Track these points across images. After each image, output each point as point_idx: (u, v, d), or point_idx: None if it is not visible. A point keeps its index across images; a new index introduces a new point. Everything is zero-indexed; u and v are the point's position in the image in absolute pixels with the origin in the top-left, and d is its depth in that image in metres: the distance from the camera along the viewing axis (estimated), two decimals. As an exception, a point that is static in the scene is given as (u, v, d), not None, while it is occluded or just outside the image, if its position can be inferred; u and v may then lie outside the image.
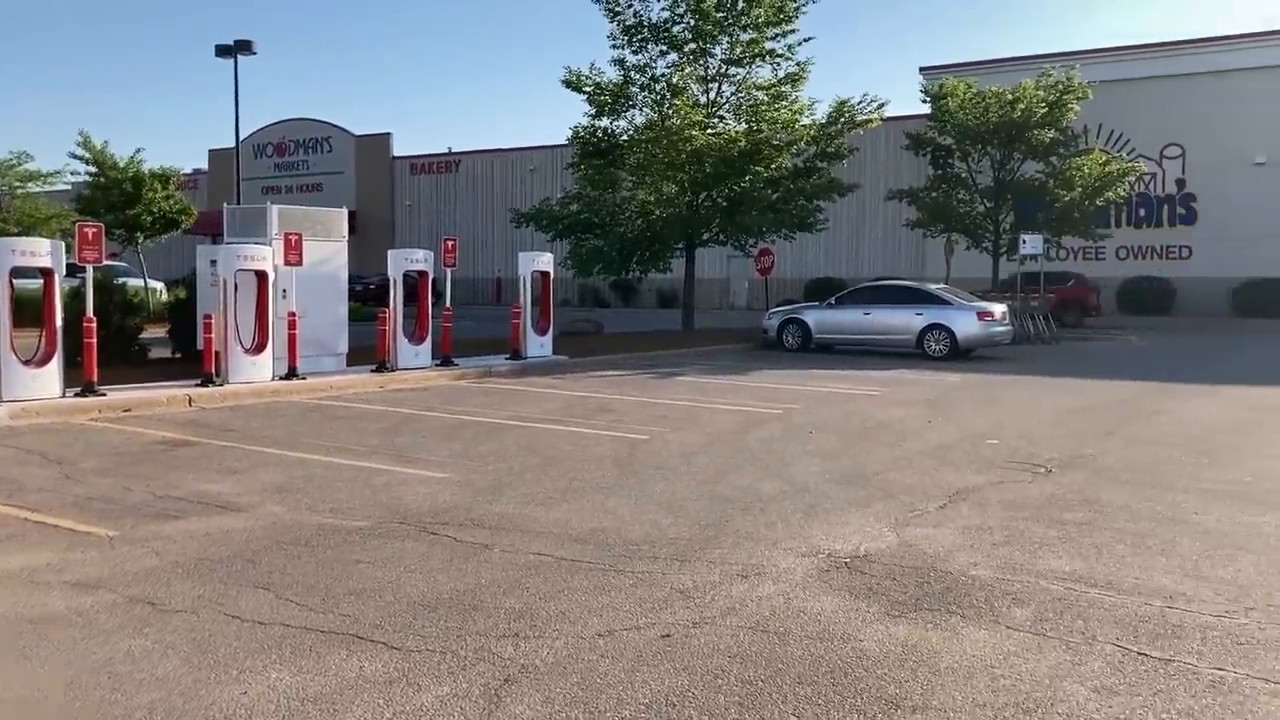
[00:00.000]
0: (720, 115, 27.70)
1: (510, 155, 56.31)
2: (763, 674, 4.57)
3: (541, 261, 19.87)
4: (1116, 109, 38.94)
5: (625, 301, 49.12)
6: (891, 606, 5.51)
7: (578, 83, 26.72)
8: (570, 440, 10.94)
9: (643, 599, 5.59)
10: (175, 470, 9.16)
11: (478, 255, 54.10)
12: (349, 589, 5.75)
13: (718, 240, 28.57)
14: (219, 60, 33.82)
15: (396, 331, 16.83)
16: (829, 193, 27.90)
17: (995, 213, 31.72)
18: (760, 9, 26.24)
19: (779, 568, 6.21)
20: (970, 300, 22.58)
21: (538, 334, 19.48)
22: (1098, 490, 8.49)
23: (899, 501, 8.05)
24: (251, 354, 14.70)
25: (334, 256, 16.77)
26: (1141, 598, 5.66)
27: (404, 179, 59.62)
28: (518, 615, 5.33)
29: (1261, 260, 38.11)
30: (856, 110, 27.28)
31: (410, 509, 7.68)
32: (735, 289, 48.83)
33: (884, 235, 45.27)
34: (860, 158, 33.76)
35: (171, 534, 6.90)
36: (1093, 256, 40.90)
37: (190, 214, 31.87)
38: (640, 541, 6.77)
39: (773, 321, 24.25)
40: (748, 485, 8.64)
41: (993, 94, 30.58)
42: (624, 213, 27.45)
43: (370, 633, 5.07)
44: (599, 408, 13.67)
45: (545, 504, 7.86)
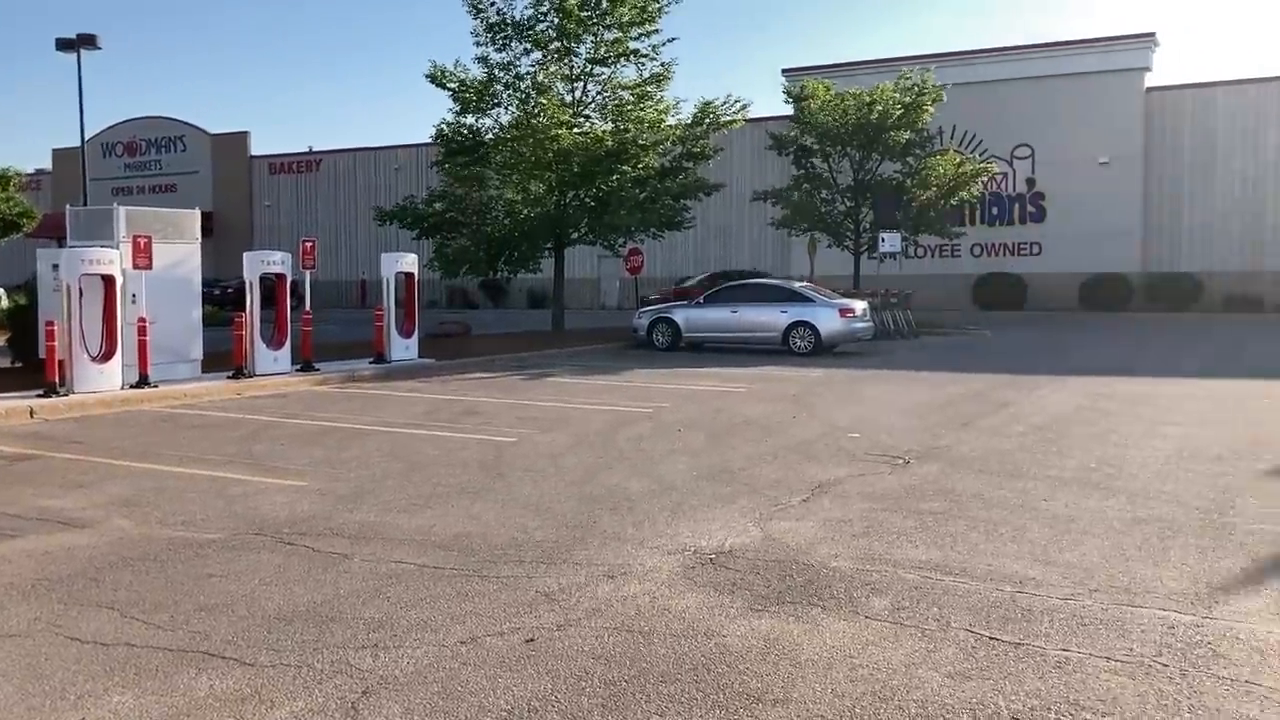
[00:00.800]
0: (586, 114, 27.72)
1: (374, 154, 55.28)
2: (627, 674, 4.56)
3: (405, 262, 19.54)
4: (970, 111, 40.36)
5: (495, 302, 48.74)
6: (755, 601, 5.56)
7: (441, 79, 26.40)
8: (435, 445, 10.77)
9: (507, 604, 5.52)
10: (13, 486, 8.69)
11: (342, 257, 53.01)
12: (200, 605, 5.53)
13: (586, 240, 28.58)
14: (62, 55, 32.21)
15: (254, 336, 16.31)
16: (695, 192, 28.22)
17: (856, 212, 32.54)
18: (624, 8, 26.35)
19: (645, 567, 6.21)
20: (833, 297, 23.09)
21: (402, 337, 19.14)
22: (953, 480, 8.76)
23: (764, 496, 8.15)
24: (99, 362, 14.06)
25: (187, 259, 16.17)
26: (993, 584, 5.85)
27: (263, 179, 57.94)
28: (377, 625, 5.20)
29: (1106, 256, 40.06)
30: (721, 111, 27.64)
31: (267, 519, 7.44)
32: (606, 288, 48.95)
33: (749, 234, 46.00)
34: (726, 158, 34.21)
35: (6, 554, 6.53)
36: (949, 254, 42.34)
37: (32, 217, 30.27)
38: (505, 546, 6.69)
39: (643, 321, 24.35)
40: (616, 485, 8.63)
41: (851, 96, 31.34)
42: (490, 212, 27.26)
43: (222, 649, 4.88)
44: (466, 411, 13.50)
45: (408, 511, 7.71)
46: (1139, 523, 7.24)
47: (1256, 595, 5.68)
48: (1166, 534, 6.92)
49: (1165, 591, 5.70)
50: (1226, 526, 7.12)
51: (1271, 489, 8.37)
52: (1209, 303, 38.46)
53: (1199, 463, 9.48)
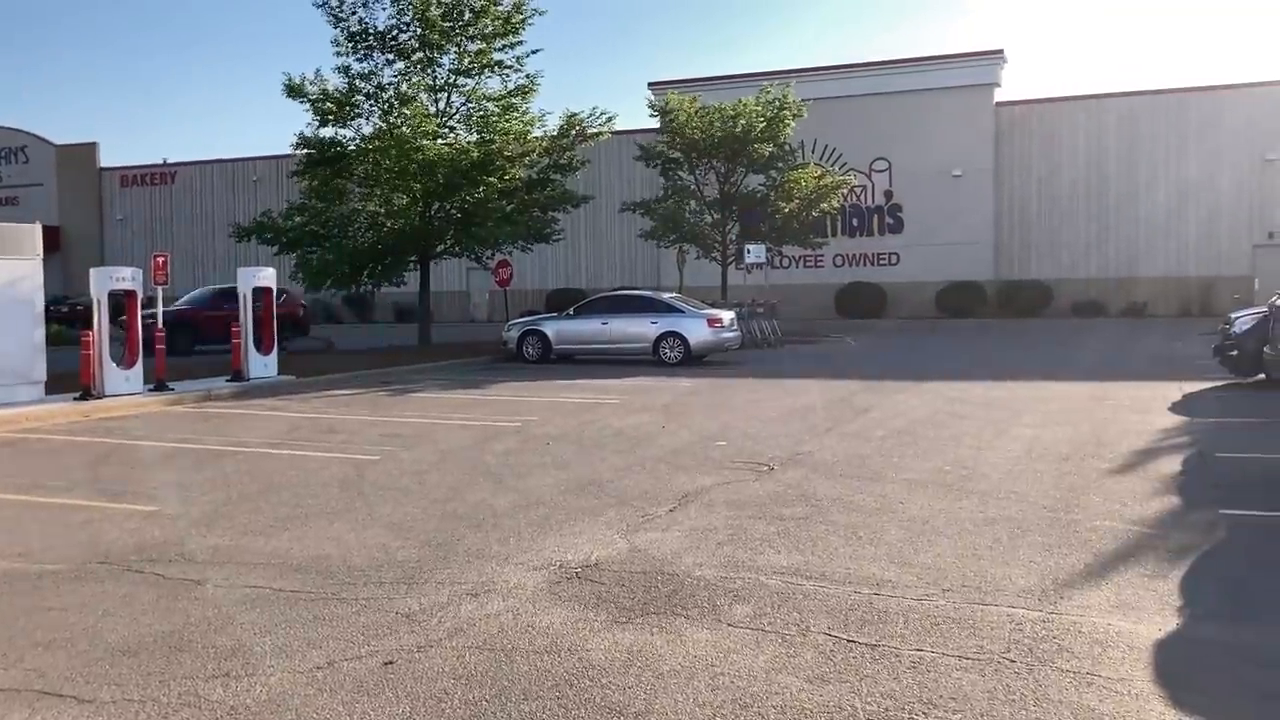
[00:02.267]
0: (451, 126, 27.44)
1: (231, 165, 53.64)
2: (487, 694, 4.49)
3: (263, 276, 19.00)
4: (831, 125, 41.34)
5: (360, 317, 47.76)
6: (619, 614, 5.56)
7: (300, 90, 25.78)
8: (294, 465, 10.48)
9: (365, 626, 5.39)
10: None
11: (199, 272, 51.20)
12: (36, 640, 5.25)
13: (453, 252, 28.28)
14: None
15: (102, 356, 15.61)
16: (563, 204, 28.20)
17: (722, 223, 32.99)
18: (487, 20, 26.22)
19: (509, 583, 6.15)
20: (701, 308, 23.36)
21: (261, 354, 18.58)
22: (815, 485, 8.93)
23: (631, 508, 8.16)
24: (-70, 385, 13.27)
25: (27, 276, 15.38)
26: (852, 586, 5.98)
27: (114, 192, 55.62)
28: (230, 654, 5.01)
29: (960, 265, 41.51)
30: (586, 123, 27.69)
31: (114, 547, 7.11)
32: (475, 301, 48.49)
33: (621, 246, 46.19)
34: (595, 170, 34.36)
35: None
36: (812, 264, 43.28)
37: None
38: (365, 567, 6.54)
39: (512, 333, 24.19)
40: (481, 501, 8.54)
41: (716, 110, 31.80)
42: (353, 224, 26.72)
43: (59, 686, 4.63)
44: (327, 429, 13.18)
45: (264, 534, 7.47)
46: (990, 523, 7.50)
47: (1098, 589, 5.93)
48: (1016, 533, 7.18)
49: (1014, 589, 5.91)
50: (1072, 524, 7.44)
51: (1113, 487, 8.78)
52: (1058, 308, 40.18)
53: (1047, 463, 9.89)
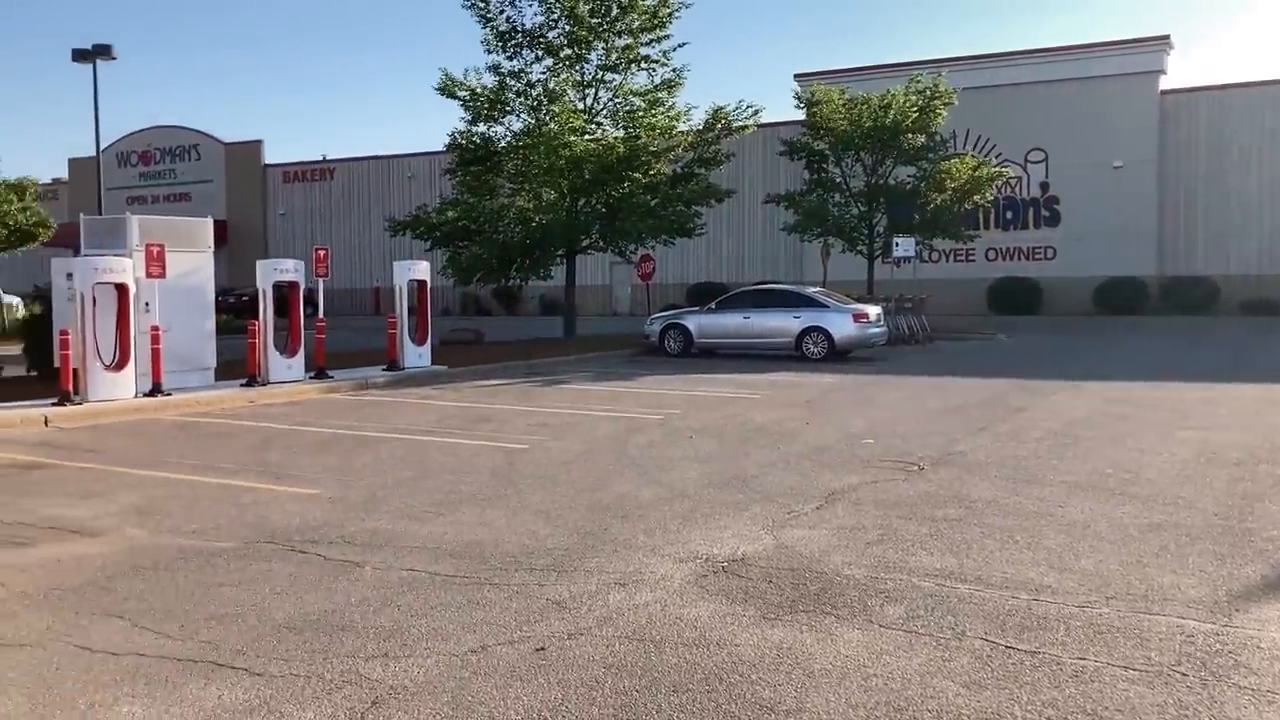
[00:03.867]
0: (598, 121, 27.74)
1: (387, 162, 55.43)
2: (638, 684, 4.52)
3: (418, 270, 19.56)
4: (983, 114, 40.24)
5: (508, 309, 48.75)
6: (767, 610, 5.52)
7: (452, 89, 26.45)
8: (447, 452, 10.75)
9: (517, 612, 5.49)
10: (27, 495, 8.70)
11: (356, 265, 53.13)
12: (210, 614, 5.51)
13: (598, 247, 28.59)
14: (78, 65, 32.44)
15: (267, 344, 16.33)
16: (707, 198, 28.18)
17: (869, 216, 32.43)
18: (634, 15, 26.38)
19: (656, 575, 6.17)
20: (846, 303, 23.02)
21: (415, 344, 19.15)
22: (968, 487, 8.69)
23: (777, 504, 8.10)
24: (112, 371, 14.10)
25: (200, 268, 16.21)
26: (1009, 591, 5.79)
27: (277, 187, 58.14)
28: (388, 634, 5.17)
29: (1120, 259, 39.85)
30: (732, 117, 27.62)
31: (279, 528, 7.42)
32: (618, 295, 48.94)
33: (763, 240, 45.92)
34: (738, 163, 34.20)
35: (19, 563, 6.53)
36: (964, 258, 42.21)
37: (48, 226, 30.56)
38: (517, 553, 6.66)
39: (654, 327, 24.34)
40: (627, 492, 8.60)
41: (864, 100, 31.27)
42: (503, 219, 27.27)
43: (231, 659, 4.86)
44: (478, 418, 13.49)
45: (420, 518, 7.69)
46: (1155, 528, 7.16)
47: (1278, 602, 5.60)
48: (1184, 540, 6.84)
49: (1184, 599, 5.63)
50: (1246, 533, 7.04)
51: (1291, 494, 8.28)
52: (1225, 306, 38.18)
53: (1217, 468, 9.39)
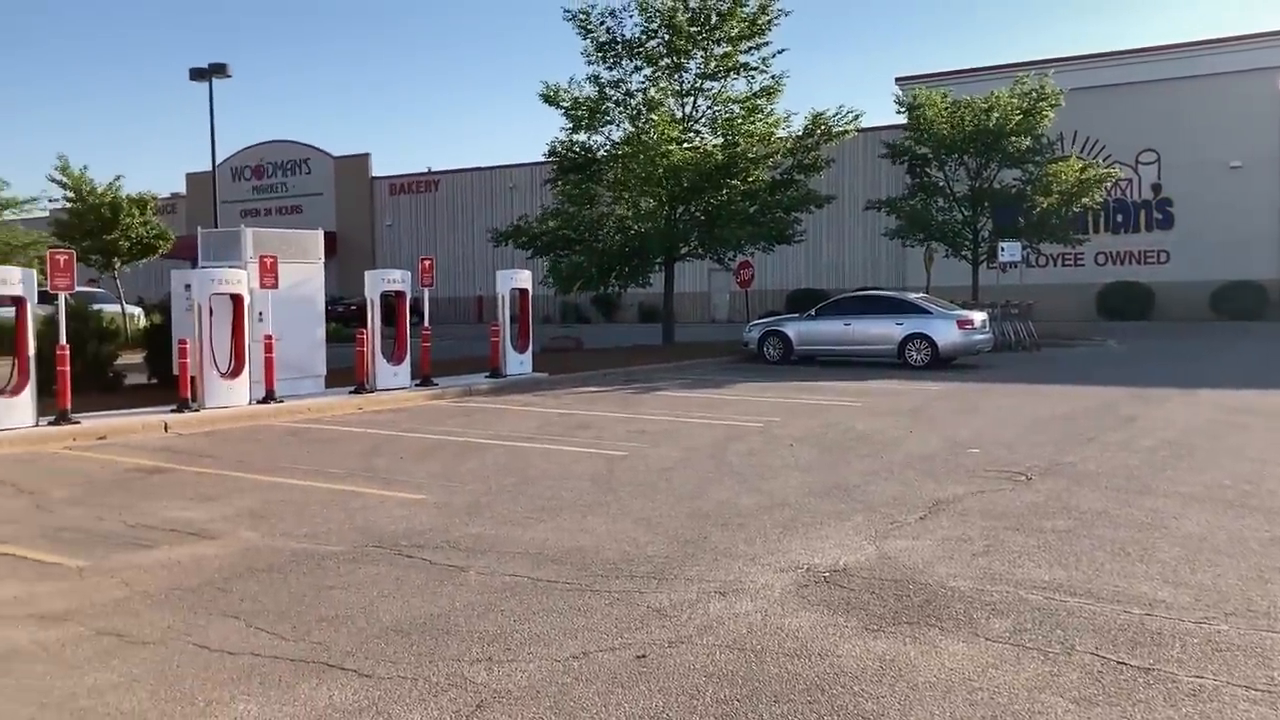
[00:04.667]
0: (696, 129, 27.79)
1: (490, 173, 56.32)
2: (739, 693, 4.51)
3: (520, 279, 19.83)
4: (1091, 115, 39.21)
5: (607, 317, 49.09)
6: (870, 621, 5.46)
7: (555, 97, 26.77)
8: (548, 458, 10.88)
9: (618, 619, 5.53)
10: (149, 498, 9.05)
11: (459, 274, 54.06)
12: (321, 616, 5.67)
13: (697, 254, 28.64)
14: (195, 83, 33.73)
15: (375, 352, 16.74)
16: (806, 205, 28.01)
17: (973, 220, 31.85)
18: (733, 22, 26.37)
19: (757, 584, 6.15)
20: (950, 309, 22.63)
21: (517, 352, 19.42)
22: (1077, 497, 8.47)
23: (879, 513, 8.00)
24: (228, 378, 14.59)
25: (310, 278, 16.69)
26: (1121, 606, 5.63)
27: (384, 199, 59.53)
28: (492, 639, 5.26)
29: (1238, 263, 38.41)
30: (832, 122, 27.43)
31: (386, 532, 7.60)
32: (716, 302, 48.89)
33: (864, 245, 45.43)
34: (838, 169, 33.92)
35: (142, 563, 6.81)
36: (1071, 263, 41.14)
37: (168, 239, 31.72)
38: (617, 560, 6.70)
39: (753, 334, 24.25)
40: (726, 500, 8.59)
41: (967, 103, 30.74)
42: (602, 228, 27.48)
43: (341, 660, 4.99)
44: (578, 425, 13.61)
45: (522, 524, 7.79)
46: (1278, 542, 6.89)
47: None
48: (1309, 556, 6.57)
49: (1309, 617, 5.41)
50: (1376, 548, 6.73)
51: None
52: (1352, 311, 36.53)
53: (1345, 480, 8.99)
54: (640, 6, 26.55)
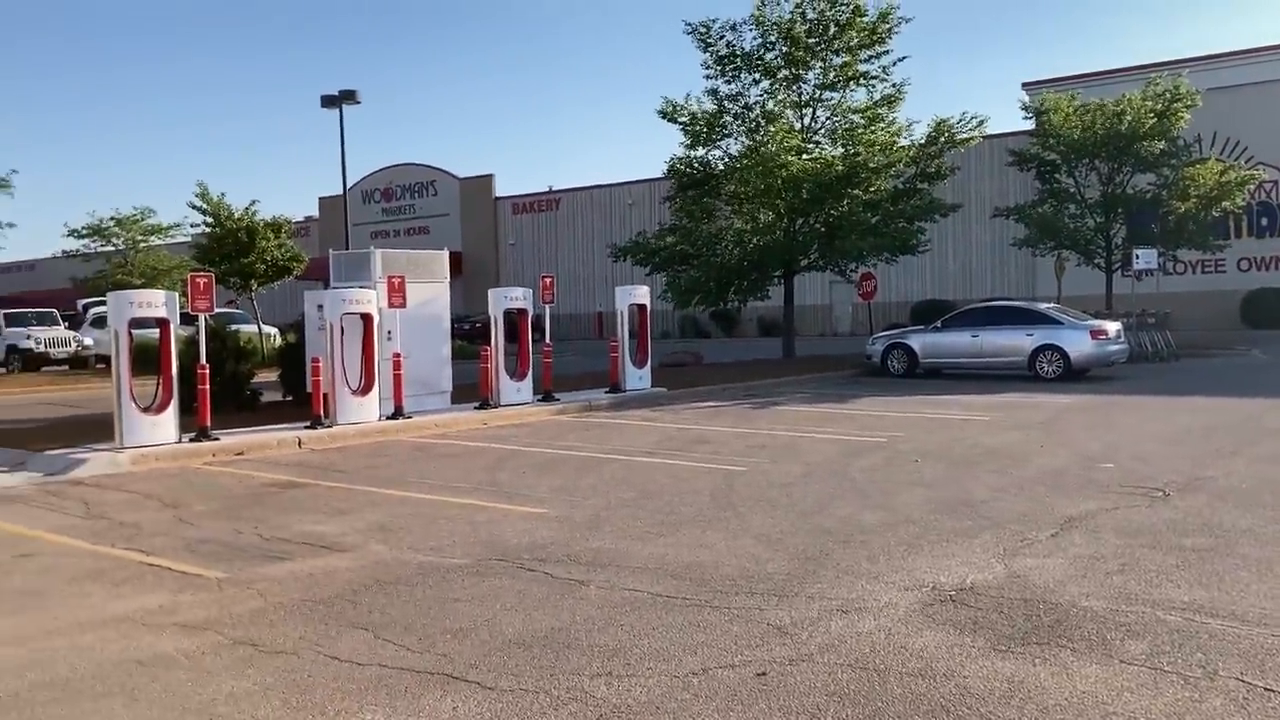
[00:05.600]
0: (816, 140, 27.57)
1: (609, 191, 56.85)
2: (861, 713, 4.43)
3: (638, 295, 19.96)
4: (1231, 115, 37.55)
5: (726, 331, 48.96)
6: (998, 641, 5.30)
7: (673, 113, 26.88)
8: (668, 473, 10.89)
9: (738, 636, 5.49)
10: (284, 512, 9.38)
11: (579, 291, 54.63)
12: (446, 628, 5.78)
13: (817, 266, 28.36)
14: (326, 110, 34.92)
15: (498, 369, 17.05)
16: (930, 214, 27.50)
17: (1106, 227, 30.79)
18: (853, 32, 26.11)
19: (880, 602, 6.04)
20: (1083, 319, 21.93)
21: (636, 367, 19.53)
22: (1220, 514, 8.09)
23: (1008, 531, 7.78)
24: (358, 395, 15.02)
25: (436, 297, 17.09)
26: (1268, 629, 5.35)
27: (506, 219, 60.61)
28: (611, 653, 5.28)
29: (1397, 266, 36.21)
30: (956, 129, 26.89)
31: (509, 546, 7.71)
32: (838, 314, 48.31)
33: (991, 255, 44.32)
34: (963, 177, 33.20)
35: (277, 575, 7.05)
36: (1212, 269, 39.41)
37: (301, 261, 32.87)
38: (737, 576, 6.67)
39: (877, 347, 23.90)
40: (848, 516, 8.46)
41: (1097, 106, 29.78)
42: (720, 242, 27.43)
43: (465, 672, 5.08)
44: (697, 439, 13.60)
45: (642, 539, 7.82)
46: None
47: None
48: None
49: None
50: None
51: None
52: None
53: None
54: (758, 20, 26.52)
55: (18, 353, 31.06)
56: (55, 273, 60.19)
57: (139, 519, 9.16)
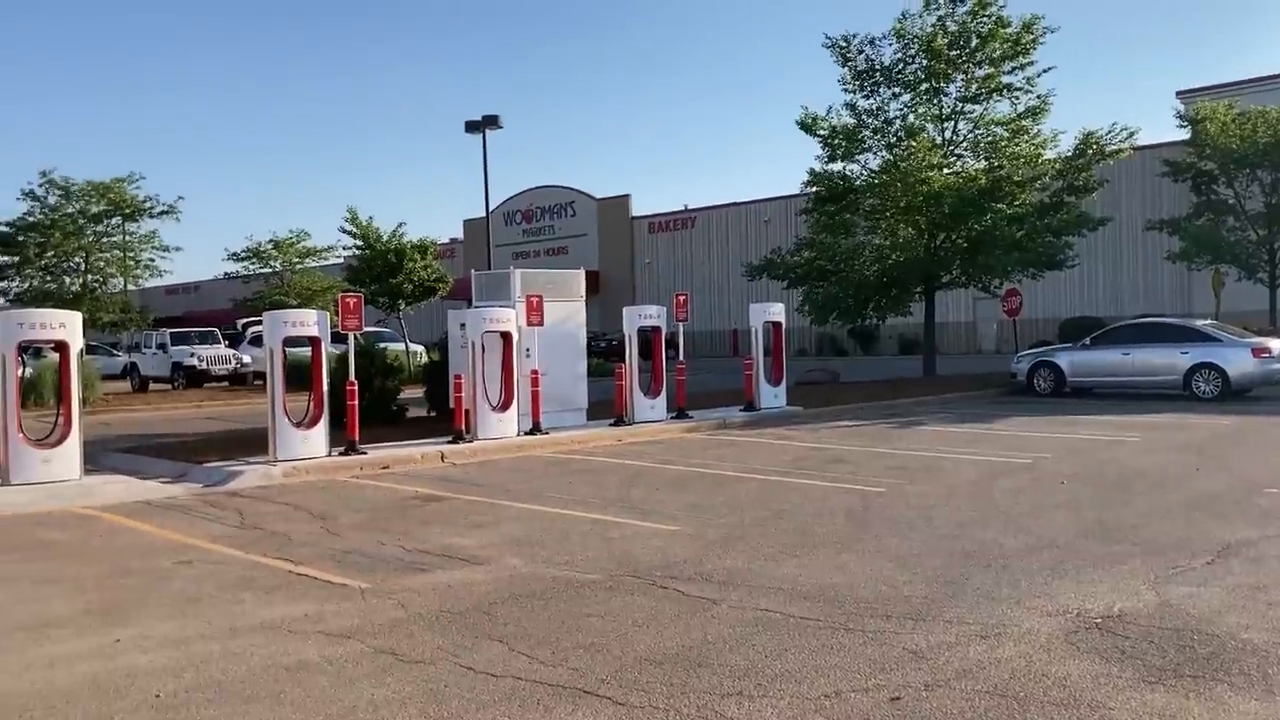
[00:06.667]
0: (957, 154, 27.00)
1: (744, 208, 56.74)
2: (999, 743, 4.30)
3: (773, 312, 19.85)
4: None
5: (864, 349, 48.23)
6: (1147, 672, 5.07)
7: (812, 125, 26.64)
8: (802, 493, 10.78)
9: (872, 659, 5.39)
10: (425, 524, 9.63)
11: (715, 308, 54.62)
12: (578, 642, 5.84)
13: (959, 282, 27.73)
14: (469, 135, 35.88)
15: (632, 386, 17.19)
16: (1078, 228, 26.58)
17: (1270, 240, 29.25)
18: (995, 43, 25.52)
19: (1021, 628, 5.85)
20: (1243, 336, 20.85)
21: (771, 385, 19.41)
22: (1397, 545, 7.58)
23: (1160, 557, 7.44)
24: (498, 411, 15.34)
25: (573, 315, 17.36)
26: None
27: (643, 238, 61.07)
28: (743, 673, 5.25)
29: None
30: (1105, 140, 25.96)
31: (641, 562, 7.75)
32: (982, 332, 47.05)
33: (1144, 270, 42.54)
34: (1113, 189, 31.99)
35: (417, 586, 7.24)
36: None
37: (446, 281, 33.84)
38: (872, 599, 6.55)
39: (1022, 365, 23.22)
40: (990, 540, 8.22)
41: (1259, 114, 28.36)
42: (858, 258, 27.08)
43: (597, 687, 5.12)
44: (833, 459, 13.42)
45: (775, 559, 7.75)
46: None
47: None
48: None
49: None
50: None
51: None
52: None
53: None
54: (898, 33, 26.18)
55: (182, 370, 32.79)
56: (217, 294, 63.36)
57: (289, 529, 9.54)
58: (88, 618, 6.64)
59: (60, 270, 36.38)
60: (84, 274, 36.59)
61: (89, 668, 5.62)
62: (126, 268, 37.41)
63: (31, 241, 34.94)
